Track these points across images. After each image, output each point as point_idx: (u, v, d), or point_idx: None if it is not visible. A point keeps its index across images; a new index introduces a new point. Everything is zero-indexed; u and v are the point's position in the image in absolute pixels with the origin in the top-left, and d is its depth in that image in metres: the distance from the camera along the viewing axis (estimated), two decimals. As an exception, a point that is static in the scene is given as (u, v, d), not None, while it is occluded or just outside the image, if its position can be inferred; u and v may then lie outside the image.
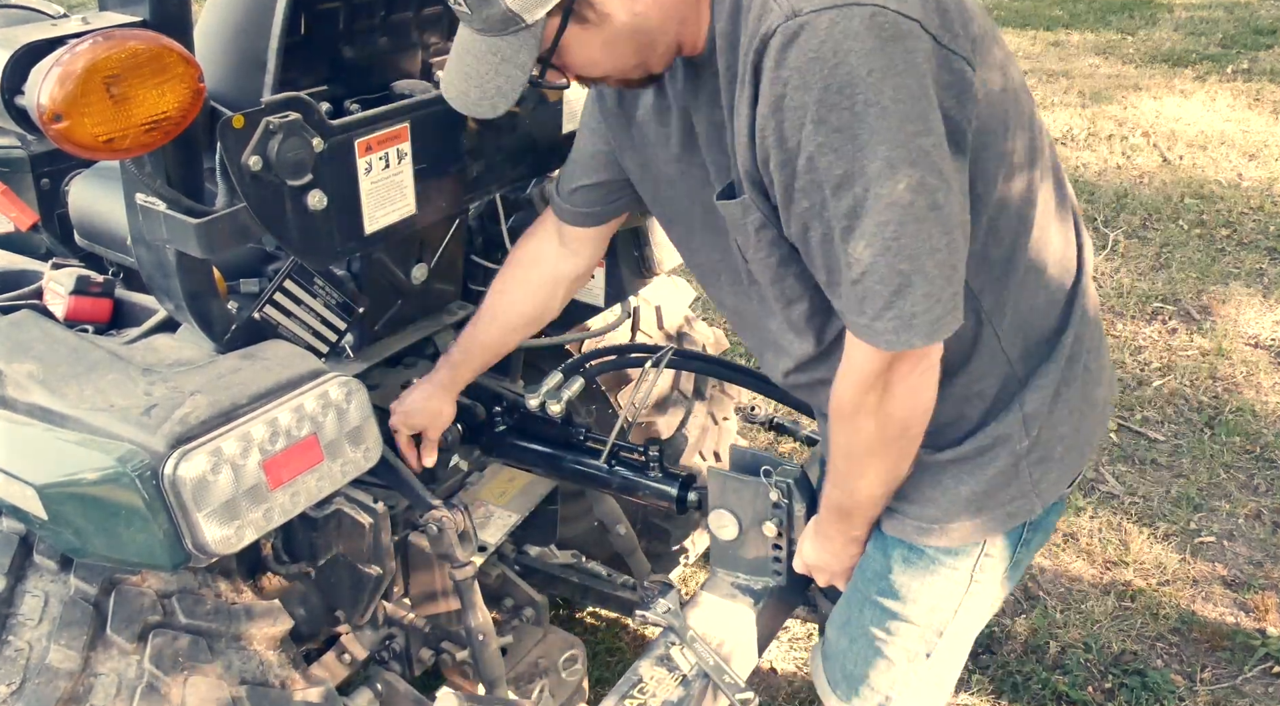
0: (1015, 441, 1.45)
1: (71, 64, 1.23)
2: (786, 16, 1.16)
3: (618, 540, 2.35)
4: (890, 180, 1.18)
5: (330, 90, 1.69)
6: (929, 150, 1.19)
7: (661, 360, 1.95)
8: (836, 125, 1.17)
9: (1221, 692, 2.61)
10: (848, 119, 1.16)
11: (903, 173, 1.18)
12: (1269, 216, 4.88)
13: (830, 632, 1.73)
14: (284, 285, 1.72)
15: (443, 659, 2.07)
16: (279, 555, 1.84)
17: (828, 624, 1.75)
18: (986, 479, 1.46)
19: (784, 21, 1.16)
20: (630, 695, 1.68)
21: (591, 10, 1.27)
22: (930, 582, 1.55)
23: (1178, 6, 8.19)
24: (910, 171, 1.18)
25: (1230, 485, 3.30)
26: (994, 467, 1.46)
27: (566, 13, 1.27)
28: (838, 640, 1.70)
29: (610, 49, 1.32)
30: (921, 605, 1.57)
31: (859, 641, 1.65)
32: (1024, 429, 1.44)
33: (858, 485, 1.48)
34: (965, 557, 1.54)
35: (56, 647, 1.46)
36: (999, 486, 1.47)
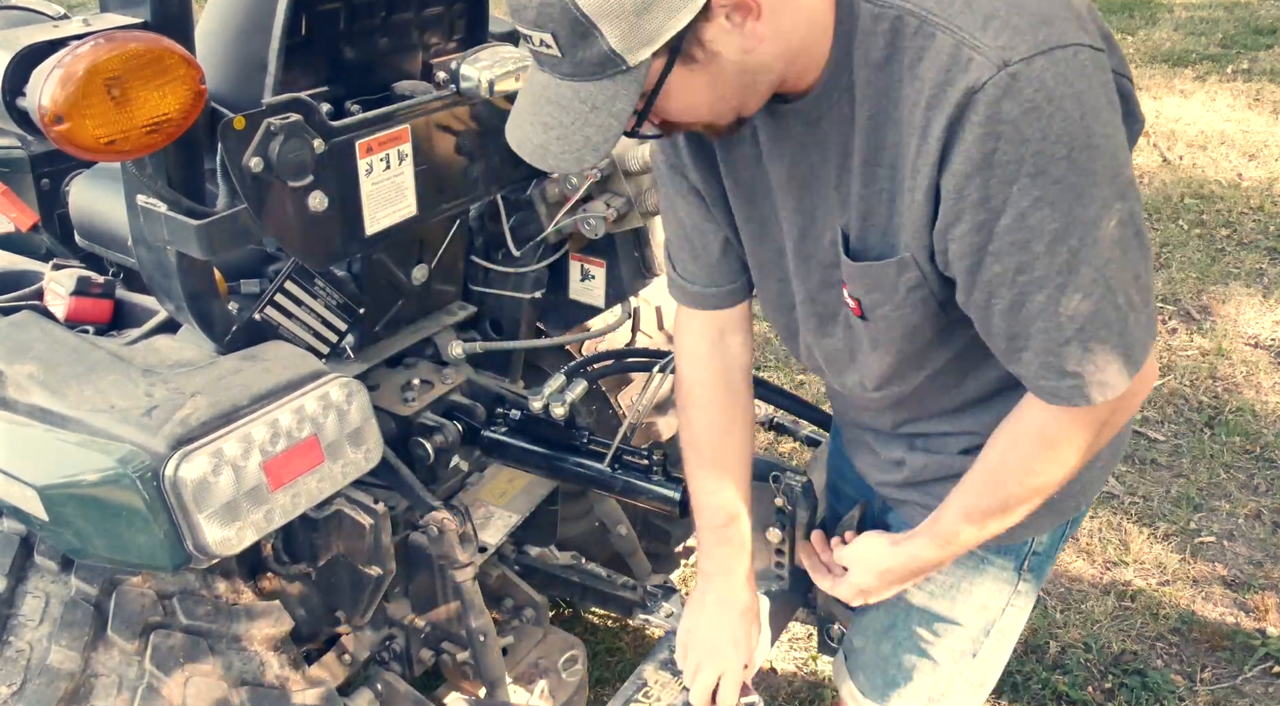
0: None
1: (73, 66, 1.23)
2: (997, 67, 1.08)
3: (618, 541, 2.35)
4: (1106, 220, 1.14)
5: (331, 91, 1.69)
6: (1131, 178, 1.17)
7: (668, 366, 1.95)
8: (1055, 177, 1.11)
9: (1221, 692, 2.62)
10: (1066, 170, 1.11)
11: (1114, 210, 1.14)
12: (1269, 216, 4.88)
13: (860, 641, 1.70)
14: (285, 286, 1.72)
15: (443, 659, 2.07)
16: (279, 556, 1.84)
17: (854, 633, 1.73)
18: None
19: (994, 74, 1.08)
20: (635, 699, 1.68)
21: (701, 49, 1.14)
22: (980, 581, 1.55)
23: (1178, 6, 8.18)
24: (1121, 205, 1.15)
25: (1230, 485, 3.31)
26: None
27: (673, 52, 1.13)
28: (877, 647, 1.67)
29: (714, 91, 1.20)
30: (971, 604, 1.56)
31: (903, 645, 1.63)
32: None
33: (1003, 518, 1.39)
34: (1014, 555, 1.53)
35: (57, 648, 1.46)
36: None
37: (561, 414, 1.92)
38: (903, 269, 1.27)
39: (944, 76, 1.11)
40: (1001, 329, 1.23)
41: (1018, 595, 1.58)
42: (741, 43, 1.15)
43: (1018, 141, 1.10)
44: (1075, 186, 1.12)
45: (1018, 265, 1.16)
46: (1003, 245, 1.16)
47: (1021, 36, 1.09)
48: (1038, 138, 1.09)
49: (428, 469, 1.96)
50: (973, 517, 1.40)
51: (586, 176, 1.89)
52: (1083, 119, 1.10)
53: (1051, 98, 1.09)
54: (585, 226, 1.94)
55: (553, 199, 1.97)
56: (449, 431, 1.96)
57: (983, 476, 1.38)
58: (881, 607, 1.64)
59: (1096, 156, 1.12)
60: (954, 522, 1.43)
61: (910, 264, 1.26)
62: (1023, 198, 1.12)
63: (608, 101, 1.15)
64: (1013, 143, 1.10)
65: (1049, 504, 1.44)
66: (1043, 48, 1.09)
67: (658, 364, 1.98)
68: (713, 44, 1.14)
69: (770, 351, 4.05)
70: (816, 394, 3.78)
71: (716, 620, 1.63)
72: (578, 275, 2.16)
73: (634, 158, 1.90)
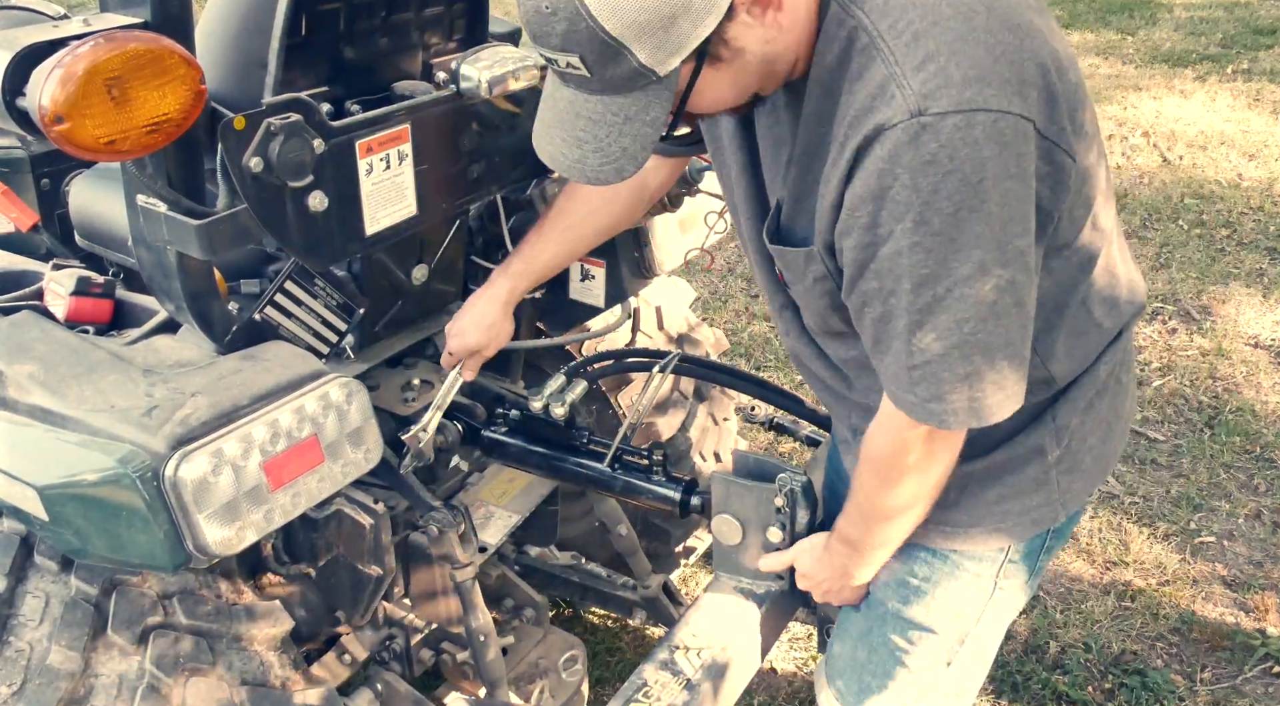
0: (1048, 452, 1.45)
1: (73, 66, 1.23)
2: (911, 114, 1.12)
3: (618, 541, 2.35)
4: (979, 281, 1.17)
5: (331, 91, 1.69)
6: (1023, 250, 1.20)
7: (668, 366, 1.95)
8: (937, 228, 1.15)
9: (1221, 692, 2.62)
10: (949, 224, 1.14)
11: (993, 274, 1.17)
12: (1269, 216, 4.88)
13: (839, 647, 1.72)
14: (285, 286, 1.72)
15: (443, 659, 2.07)
16: (279, 556, 1.84)
17: (835, 638, 1.74)
18: (1016, 486, 1.46)
19: (906, 119, 1.12)
20: (635, 699, 1.68)
21: (725, 48, 1.18)
22: (954, 588, 1.55)
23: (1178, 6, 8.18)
24: (1001, 272, 1.18)
25: (1230, 485, 3.31)
26: (1024, 476, 1.46)
27: (700, 56, 1.17)
28: (853, 653, 1.68)
29: (738, 83, 1.24)
30: (945, 612, 1.57)
31: (878, 652, 1.64)
32: (1056, 439, 1.44)
33: (877, 530, 1.47)
34: (989, 563, 1.53)
35: (57, 648, 1.46)
36: (1027, 493, 1.47)
37: (561, 414, 1.92)
38: (810, 260, 1.33)
39: (869, 102, 1.16)
40: (869, 333, 1.30)
41: (993, 604, 1.57)
42: (764, 34, 1.19)
43: (910, 187, 1.14)
44: (953, 242, 1.15)
45: (890, 289, 1.22)
46: (881, 267, 1.21)
47: (947, 90, 1.12)
48: (928, 190, 1.13)
49: (428, 469, 1.96)
50: (874, 505, 1.45)
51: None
52: (979, 184, 1.13)
53: (953, 157, 1.12)
54: (585, 226, 1.94)
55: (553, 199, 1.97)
56: (449, 431, 1.96)
57: (853, 486, 1.46)
58: (860, 613, 1.66)
59: (983, 221, 1.15)
60: (846, 525, 1.51)
61: (816, 257, 1.32)
62: (904, 237, 1.17)
63: (641, 111, 1.18)
64: (905, 187, 1.14)
65: (1023, 510, 1.47)
66: (964, 107, 1.11)
67: (658, 364, 1.98)
68: (737, 40, 1.18)
69: (770, 351, 4.05)
70: (816, 394, 3.78)
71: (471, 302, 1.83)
72: (578, 275, 2.16)
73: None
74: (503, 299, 1.82)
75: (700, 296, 4.37)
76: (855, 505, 1.48)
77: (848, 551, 1.54)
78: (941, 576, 1.55)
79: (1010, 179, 1.15)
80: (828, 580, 1.63)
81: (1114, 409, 1.51)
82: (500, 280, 1.82)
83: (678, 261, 2.16)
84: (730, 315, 4.30)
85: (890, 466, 1.37)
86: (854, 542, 1.52)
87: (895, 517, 1.44)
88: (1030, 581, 1.60)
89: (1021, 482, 1.46)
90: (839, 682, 1.72)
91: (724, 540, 1.80)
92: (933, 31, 1.14)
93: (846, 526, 1.52)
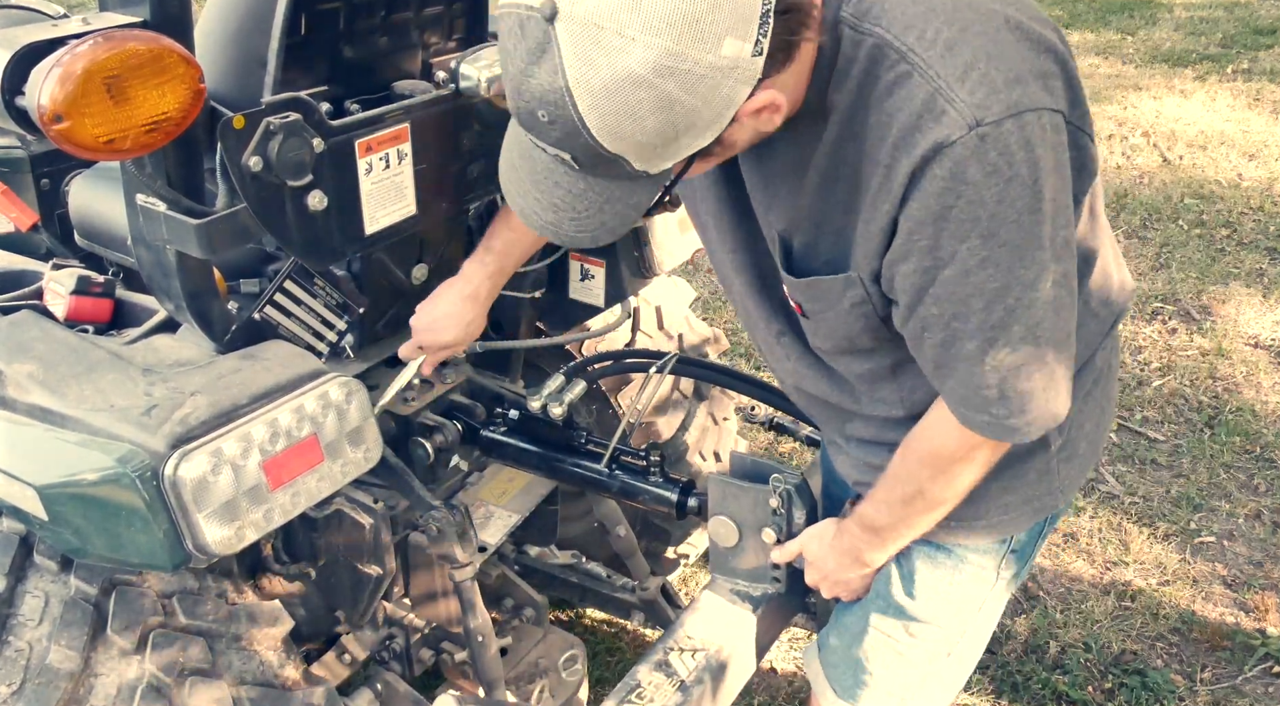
0: (1051, 442, 1.45)
1: (72, 65, 1.23)
2: (969, 126, 1.09)
3: (617, 542, 2.35)
4: (1042, 281, 1.17)
5: (330, 90, 1.69)
6: (1069, 239, 1.20)
7: (666, 366, 1.95)
8: (1003, 239, 1.14)
9: (1221, 692, 2.61)
10: (1014, 232, 1.14)
11: (1050, 270, 1.18)
12: (1269, 216, 4.87)
13: (836, 640, 1.72)
14: (284, 285, 1.72)
15: (443, 659, 2.07)
16: (279, 555, 1.84)
17: (831, 632, 1.74)
18: (1021, 478, 1.46)
19: (964, 133, 1.10)
20: (628, 700, 1.68)
21: (719, 145, 1.15)
22: (957, 581, 1.55)
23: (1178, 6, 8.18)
24: (1056, 267, 1.18)
25: (1230, 485, 3.30)
26: (1029, 467, 1.46)
27: (694, 154, 1.15)
28: (851, 646, 1.68)
29: (762, 124, 1.19)
30: (948, 604, 1.57)
31: (877, 645, 1.64)
32: (1058, 429, 1.43)
33: (915, 518, 1.45)
34: (992, 554, 1.54)
35: (57, 648, 1.46)
36: (1031, 484, 1.47)
37: (559, 414, 1.92)
38: (849, 285, 1.30)
39: (915, 122, 1.12)
40: (930, 358, 1.28)
41: (994, 593, 1.58)
42: (758, 126, 1.17)
43: (975, 202, 1.12)
44: (1020, 249, 1.15)
45: (954, 313, 1.20)
46: (943, 292, 1.19)
47: (996, 96, 1.11)
48: (993, 201, 1.12)
49: (427, 468, 1.96)
50: (888, 507, 1.45)
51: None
52: (1035, 184, 1.13)
53: (1012, 162, 1.11)
54: (585, 226, 1.94)
55: None
56: (449, 431, 1.96)
57: (891, 475, 1.43)
58: (859, 607, 1.66)
59: (1042, 220, 1.15)
60: (873, 512, 1.48)
61: (856, 282, 1.29)
62: (970, 256, 1.15)
63: (625, 196, 1.17)
64: (971, 203, 1.12)
65: (1025, 500, 1.48)
66: (1013, 110, 1.11)
67: (656, 364, 1.98)
68: (733, 136, 1.16)
69: (770, 351, 4.05)
70: (816, 394, 3.78)
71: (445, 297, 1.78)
72: (577, 275, 2.16)
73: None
74: (482, 297, 1.78)
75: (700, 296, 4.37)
76: (895, 493, 1.44)
77: (868, 537, 1.52)
78: (946, 570, 1.55)
79: (1055, 173, 1.15)
80: (837, 567, 1.61)
81: (1106, 394, 1.53)
82: (477, 276, 1.77)
83: (678, 261, 2.16)
84: (730, 315, 4.30)
85: (954, 463, 1.36)
86: (879, 529, 1.49)
87: (940, 508, 1.42)
88: (1026, 567, 1.61)
89: (1026, 474, 1.46)
90: (835, 674, 1.73)
91: (720, 542, 1.80)
92: (964, 39, 1.13)
93: (874, 513, 1.49)
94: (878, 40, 1.15)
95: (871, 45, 1.15)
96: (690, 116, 1.06)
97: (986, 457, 1.35)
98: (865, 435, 1.53)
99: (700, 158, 1.16)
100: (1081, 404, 1.46)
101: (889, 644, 1.62)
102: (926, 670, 1.64)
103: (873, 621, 1.63)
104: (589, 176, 1.15)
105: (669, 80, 1.02)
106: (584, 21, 1.01)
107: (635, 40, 1.00)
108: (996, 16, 1.16)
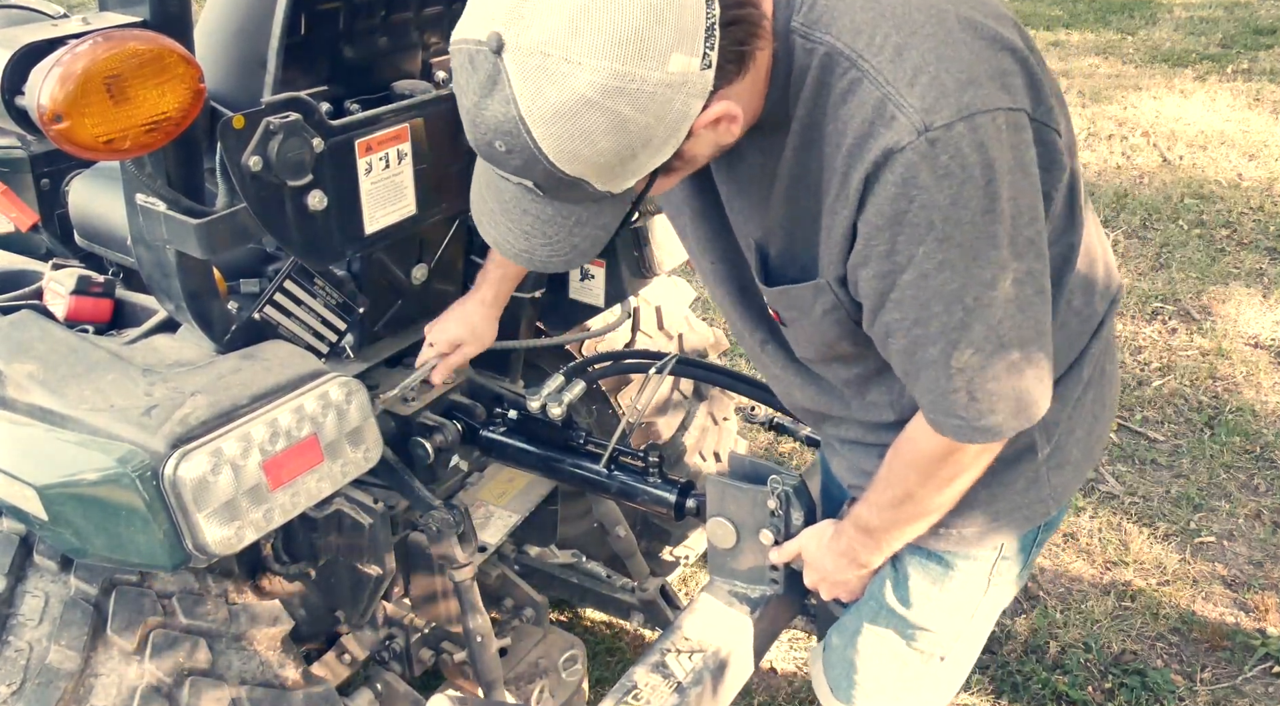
0: (1038, 449, 1.44)
1: (72, 64, 1.23)
2: (918, 132, 1.10)
3: (617, 543, 2.35)
4: (1001, 280, 1.17)
5: (330, 90, 1.69)
6: (1033, 238, 1.19)
7: (665, 367, 1.95)
8: (958, 241, 1.14)
9: (1221, 692, 2.61)
10: (968, 234, 1.13)
11: (1010, 269, 1.17)
12: (1269, 216, 4.87)
13: (836, 639, 1.73)
14: (284, 285, 1.72)
15: (442, 659, 2.07)
16: (279, 555, 1.84)
17: (833, 631, 1.75)
18: (1008, 486, 1.46)
19: (914, 138, 1.10)
20: (625, 701, 1.68)
21: (680, 160, 1.17)
22: (948, 587, 1.55)
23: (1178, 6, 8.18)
24: (1018, 265, 1.17)
25: (1230, 485, 3.30)
26: (1016, 475, 1.45)
27: (656, 170, 1.16)
28: (847, 647, 1.69)
29: (690, 172, 1.26)
30: (940, 610, 1.57)
31: (872, 648, 1.64)
32: (1045, 436, 1.44)
33: (906, 523, 1.45)
34: (983, 561, 1.54)
35: (57, 648, 1.46)
36: (1019, 492, 1.47)
37: (559, 414, 1.92)
38: (819, 293, 1.30)
39: (866, 128, 1.13)
40: (899, 363, 1.28)
41: (987, 599, 1.58)
42: (717, 138, 1.18)
43: (928, 206, 1.12)
44: (975, 250, 1.15)
45: (915, 318, 1.20)
46: (903, 296, 1.19)
47: (946, 99, 1.10)
48: (946, 204, 1.12)
49: (427, 468, 1.96)
50: (879, 510, 1.45)
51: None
52: (989, 185, 1.12)
53: (965, 165, 1.11)
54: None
55: None
56: (448, 431, 1.96)
57: (882, 478, 1.44)
58: (855, 610, 1.67)
59: (998, 220, 1.14)
60: (866, 514, 1.49)
61: (825, 289, 1.29)
62: (926, 260, 1.15)
63: (593, 217, 1.19)
64: (924, 207, 1.12)
65: (1014, 508, 1.48)
66: (964, 112, 1.10)
67: (656, 365, 1.98)
68: (692, 151, 1.17)
69: (770, 351, 4.05)
70: (816, 394, 3.78)
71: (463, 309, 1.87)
72: (577, 275, 2.16)
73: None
74: (487, 302, 1.87)
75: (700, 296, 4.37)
76: (885, 496, 1.45)
77: (863, 538, 1.52)
78: (937, 577, 1.55)
79: (1015, 172, 1.15)
80: (834, 568, 1.61)
81: (1099, 400, 1.51)
82: (483, 285, 1.86)
83: (678, 261, 2.16)
84: (730, 315, 4.30)
85: (940, 467, 1.36)
86: (873, 531, 1.50)
87: (930, 514, 1.43)
88: (1022, 574, 1.61)
89: (1014, 481, 1.46)
90: (832, 674, 1.74)
91: (718, 543, 1.80)
92: (913, 42, 1.13)
93: (867, 515, 1.49)
94: (828, 49, 1.15)
95: (823, 54, 1.16)
96: (644, 133, 1.07)
97: (970, 461, 1.34)
98: (855, 437, 1.53)
99: (663, 174, 1.18)
100: (1072, 411, 1.45)
101: (882, 645, 1.63)
102: (920, 672, 1.64)
103: (867, 623, 1.64)
104: (554, 201, 1.17)
105: (619, 100, 1.04)
106: (530, 51, 1.02)
107: (582, 64, 1.02)
108: (949, 17, 1.15)
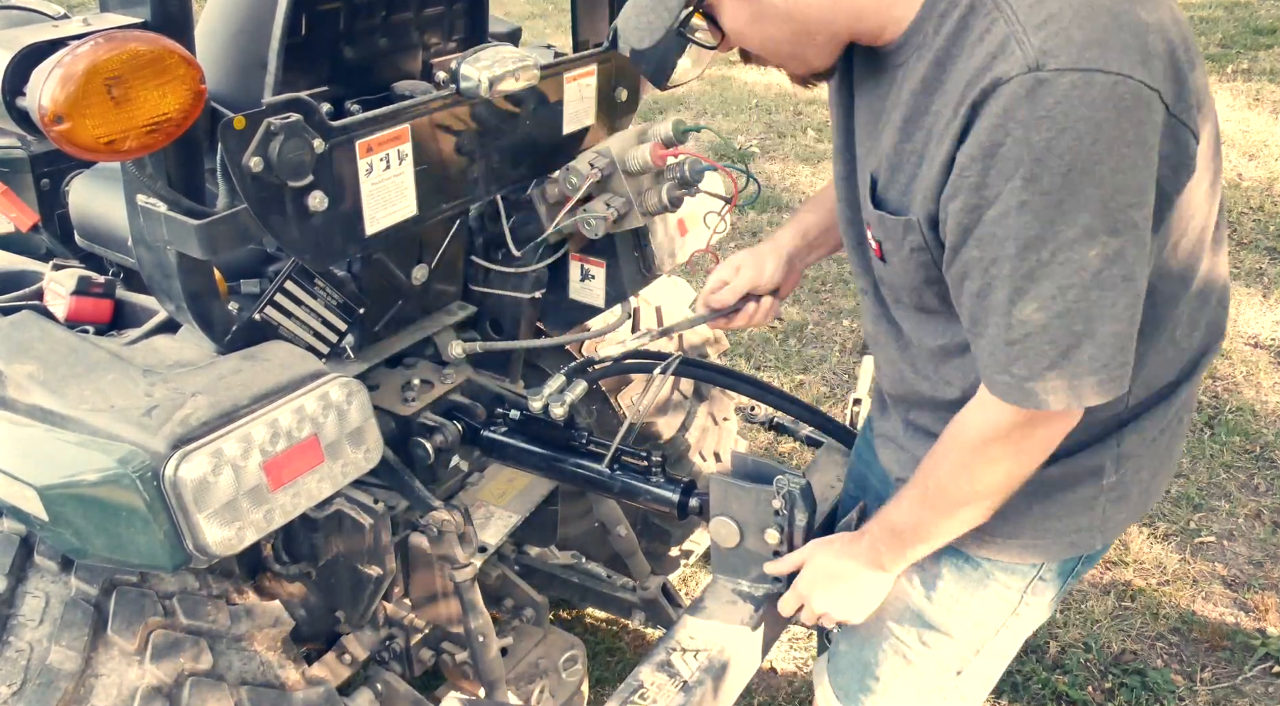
0: (1104, 476, 1.42)
1: (73, 65, 1.23)
2: (1028, 68, 1.10)
3: (618, 542, 2.35)
4: (1085, 247, 1.15)
5: (331, 91, 1.70)
6: (1138, 222, 1.17)
7: (669, 368, 1.94)
8: (1046, 187, 1.12)
9: (1221, 692, 2.62)
10: (1058, 183, 1.12)
11: (1099, 240, 1.15)
12: (1269, 216, 4.87)
13: (845, 645, 1.71)
14: (285, 286, 1.72)
15: (443, 659, 2.07)
16: (279, 556, 1.85)
17: (841, 636, 1.73)
18: (1064, 505, 1.43)
19: (1023, 73, 1.10)
20: (631, 701, 1.68)
21: None
22: (980, 596, 1.53)
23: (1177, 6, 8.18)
24: (1109, 240, 1.15)
25: (1230, 485, 3.31)
26: (1075, 495, 1.43)
27: None
28: (859, 650, 1.67)
29: (759, 26, 1.28)
30: (966, 618, 1.55)
31: (887, 651, 1.62)
32: (1115, 465, 1.42)
33: (937, 520, 1.42)
34: (1020, 576, 1.51)
35: (57, 648, 1.46)
36: (1073, 514, 1.44)
37: (560, 414, 1.92)
38: (908, 230, 1.30)
39: (987, 61, 1.14)
40: (967, 309, 1.27)
41: (1015, 617, 1.55)
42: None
43: (1023, 143, 1.11)
44: (1061, 203, 1.13)
45: (992, 257, 1.19)
46: (985, 233, 1.19)
47: (1068, 48, 1.10)
48: (1041, 147, 1.11)
49: (428, 469, 1.96)
50: (910, 507, 1.42)
51: (586, 176, 1.89)
52: (1093, 145, 1.11)
53: (1069, 114, 1.10)
54: (585, 226, 1.94)
55: (553, 199, 1.97)
56: (449, 431, 1.96)
57: (920, 468, 1.41)
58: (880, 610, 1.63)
59: (1094, 184, 1.12)
60: (894, 509, 1.46)
61: (915, 226, 1.29)
62: (1012, 197, 1.14)
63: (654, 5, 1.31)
64: (1018, 143, 1.12)
65: (1065, 530, 1.44)
66: (1081, 66, 1.10)
67: (659, 366, 1.98)
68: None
69: (770, 351, 4.05)
70: (816, 395, 3.78)
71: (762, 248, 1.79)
72: (578, 275, 2.16)
73: (634, 158, 1.90)
74: (784, 248, 1.78)
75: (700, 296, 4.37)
76: (918, 490, 1.42)
77: (889, 538, 1.49)
78: (970, 582, 1.52)
79: (1127, 146, 1.13)
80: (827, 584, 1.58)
81: (1169, 450, 1.48)
82: (792, 233, 1.80)
83: (678, 261, 2.16)
84: (730, 315, 4.30)
85: (978, 448, 1.33)
86: (900, 531, 1.47)
87: (962, 508, 1.38)
88: (1054, 601, 1.57)
89: (1071, 501, 1.43)
90: (840, 679, 1.72)
91: (722, 542, 1.80)
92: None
93: (897, 513, 1.46)
94: None
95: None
96: None
97: (1009, 452, 1.31)
98: (925, 424, 1.50)
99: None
100: (1148, 447, 1.43)
101: (900, 649, 1.61)
102: (933, 683, 1.61)
103: (888, 624, 1.61)
104: None
105: None
106: None
107: None
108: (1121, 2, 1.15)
